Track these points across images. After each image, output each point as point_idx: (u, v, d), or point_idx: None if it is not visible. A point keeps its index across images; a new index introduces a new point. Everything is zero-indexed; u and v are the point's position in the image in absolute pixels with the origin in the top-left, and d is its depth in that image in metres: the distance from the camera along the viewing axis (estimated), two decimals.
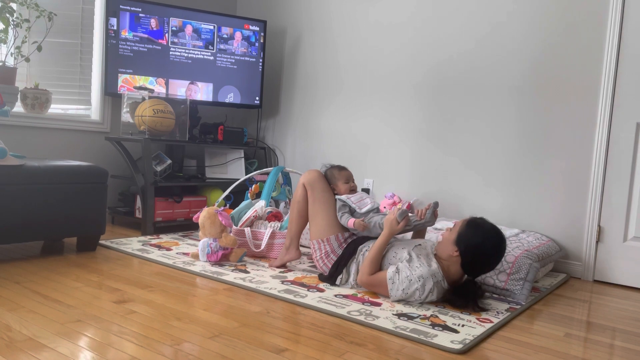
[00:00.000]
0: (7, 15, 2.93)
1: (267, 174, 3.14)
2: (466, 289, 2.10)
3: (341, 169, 2.54)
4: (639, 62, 2.72)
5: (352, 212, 2.39)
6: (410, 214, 2.25)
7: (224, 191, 3.61)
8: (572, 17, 2.89)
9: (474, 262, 2.07)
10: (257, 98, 4.03)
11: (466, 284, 2.13)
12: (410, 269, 2.05)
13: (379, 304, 2.08)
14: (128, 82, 3.52)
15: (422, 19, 3.44)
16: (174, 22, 3.64)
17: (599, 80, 2.82)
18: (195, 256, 2.67)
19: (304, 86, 4.05)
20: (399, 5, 3.55)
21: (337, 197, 2.44)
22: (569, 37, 2.90)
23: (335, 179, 2.50)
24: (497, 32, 3.14)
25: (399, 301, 2.12)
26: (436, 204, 2.27)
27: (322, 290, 2.24)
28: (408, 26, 3.51)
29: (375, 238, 2.33)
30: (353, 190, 2.49)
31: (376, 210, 2.42)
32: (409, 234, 2.52)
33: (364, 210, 2.38)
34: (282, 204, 3.40)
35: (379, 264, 2.18)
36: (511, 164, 3.10)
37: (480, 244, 2.04)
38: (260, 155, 4.23)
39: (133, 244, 2.93)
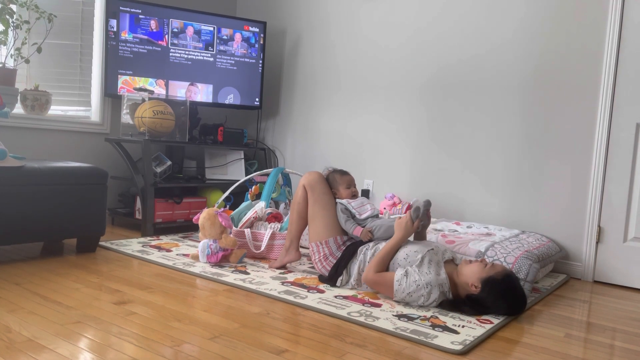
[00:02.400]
0: (7, 16, 2.93)
1: (267, 175, 3.14)
2: (464, 304, 2.06)
3: (343, 173, 2.52)
4: (639, 62, 2.72)
5: (352, 217, 2.39)
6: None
7: (223, 192, 3.61)
8: (572, 18, 2.89)
9: (482, 305, 2.03)
10: (257, 99, 4.03)
11: (464, 302, 2.07)
12: (420, 274, 2.04)
13: (379, 305, 2.08)
14: (128, 83, 3.52)
15: (422, 20, 3.44)
16: (174, 23, 3.64)
17: (599, 81, 2.82)
18: (195, 257, 2.67)
19: (304, 87, 4.06)
20: (399, 6, 3.55)
21: (337, 201, 2.43)
22: (569, 38, 2.90)
23: (337, 183, 2.49)
24: (497, 34, 3.14)
25: (399, 302, 2.12)
26: (428, 203, 2.20)
27: (322, 292, 2.24)
28: (408, 27, 3.51)
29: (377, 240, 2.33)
30: (354, 195, 2.47)
31: (376, 216, 2.41)
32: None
33: (363, 216, 2.37)
34: (282, 205, 3.40)
35: (387, 265, 2.16)
36: (511, 164, 3.10)
37: (500, 300, 2.01)
38: (260, 156, 4.23)
39: (133, 245, 2.93)
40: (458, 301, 2.07)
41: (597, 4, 2.81)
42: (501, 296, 2.01)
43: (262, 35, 3.98)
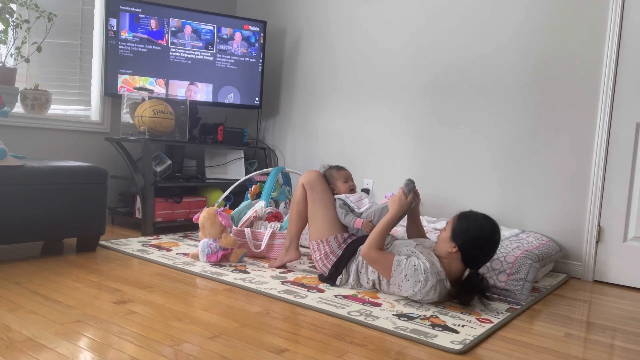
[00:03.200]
0: (7, 16, 2.93)
1: (267, 174, 3.14)
2: (472, 284, 2.09)
3: (340, 168, 2.55)
4: (639, 62, 2.72)
5: (351, 212, 2.39)
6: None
7: (223, 192, 3.61)
8: (572, 19, 2.89)
9: (475, 253, 2.08)
10: (257, 98, 4.03)
11: (470, 278, 2.11)
12: (419, 259, 2.06)
13: (379, 305, 2.08)
14: (128, 82, 3.52)
15: (423, 20, 3.44)
16: (174, 22, 3.64)
17: (599, 81, 2.82)
18: (195, 257, 2.67)
19: (304, 86, 4.05)
20: (399, 7, 3.54)
21: (336, 196, 2.44)
22: (570, 39, 2.90)
23: (335, 178, 2.50)
24: (498, 34, 3.14)
25: (398, 300, 2.12)
26: (411, 183, 2.24)
27: (322, 291, 2.24)
28: (408, 27, 3.51)
29: None
30: (352, 189, 2.50)
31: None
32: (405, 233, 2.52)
33: (362, 209, 2.38)
34: (282, 205, 3.40)
35: (384, 241, 2.19)
36: (511, 164, 3.10)
37: (476, 234, 2.06)
38: (260, 156, 4.23)
39: (133, 244, 2.93)
40: (464, 281, 2.10)
41: (597, 5, 2.81)
42: (474, 231, 2.05)
43: (262, 34, 3.98)
